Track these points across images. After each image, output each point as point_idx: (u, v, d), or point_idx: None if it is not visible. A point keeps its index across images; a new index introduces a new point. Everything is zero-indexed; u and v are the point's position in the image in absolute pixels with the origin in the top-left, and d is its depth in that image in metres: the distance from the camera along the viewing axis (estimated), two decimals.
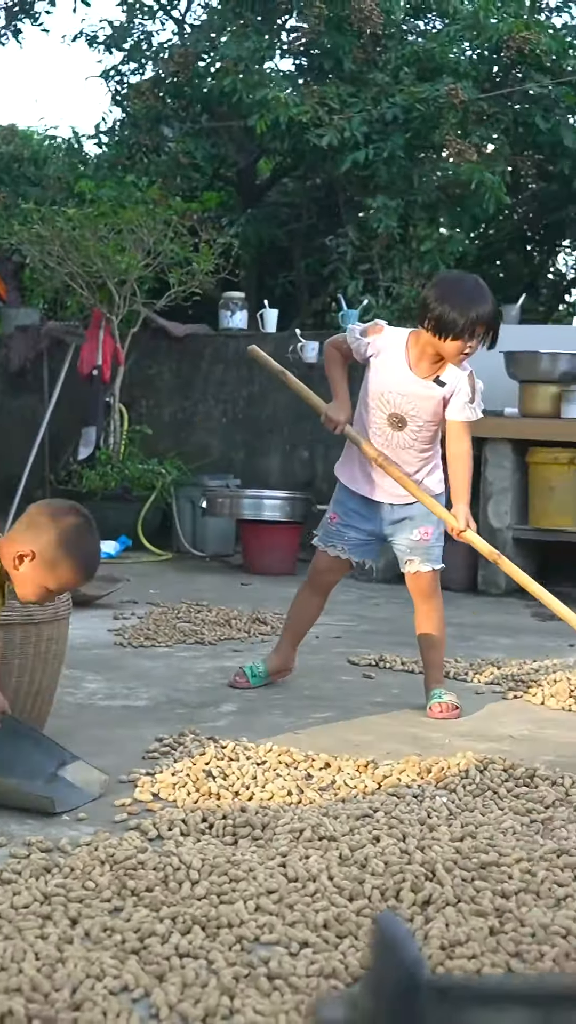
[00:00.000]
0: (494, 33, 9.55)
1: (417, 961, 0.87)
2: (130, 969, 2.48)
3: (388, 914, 1.07)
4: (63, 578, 3.44)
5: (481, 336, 4.43)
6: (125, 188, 9.63)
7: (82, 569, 3.46)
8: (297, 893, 2.87)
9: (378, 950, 0.92)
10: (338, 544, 4.81)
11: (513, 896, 2.87)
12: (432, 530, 4.71)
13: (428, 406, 4.55)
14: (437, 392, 4.53)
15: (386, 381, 4.56)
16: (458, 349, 4.42)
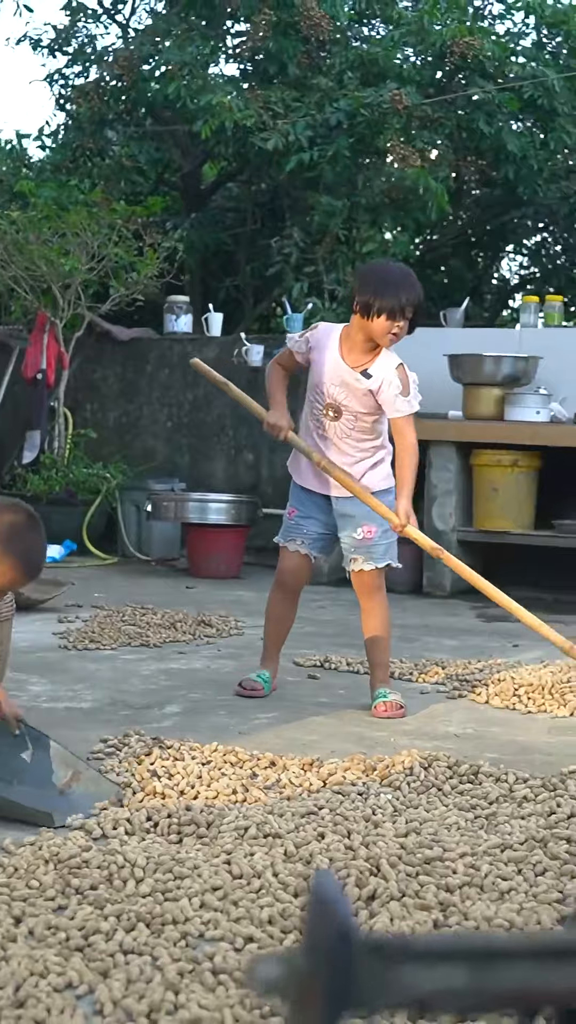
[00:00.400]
0: (438, 39, 9.61)
1: (350, 919, 0.87)
2: (74, 966, 2.48)
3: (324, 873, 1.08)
4: (3, 576, 3.41)
5: (408, 317, 4.54)
6: (66, 189, 9.60)
7: (22, 567, 3.42)
8: (242, 890, 2.87)
9: (312, 908, 0.93)
10: (297, 538, 4.86)
11: (457, 890, 2.89)
12: (375, 529, 4.75)
13: (357, 397, 4.63)
14: (363, 384, 4.61)
15: (322, 372, 4.65)
16: (386, 329, 4.52)
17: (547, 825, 3.35)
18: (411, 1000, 0.87)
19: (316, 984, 0.87)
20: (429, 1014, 0.95)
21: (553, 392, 7.66)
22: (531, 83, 9.55)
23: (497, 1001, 0.92)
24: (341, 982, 0.86)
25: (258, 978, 0.91)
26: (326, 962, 0.85)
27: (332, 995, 0.86)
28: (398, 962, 0.87)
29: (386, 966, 0.87)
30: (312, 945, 0.88)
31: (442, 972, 0.88)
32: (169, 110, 10.18)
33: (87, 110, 10.44)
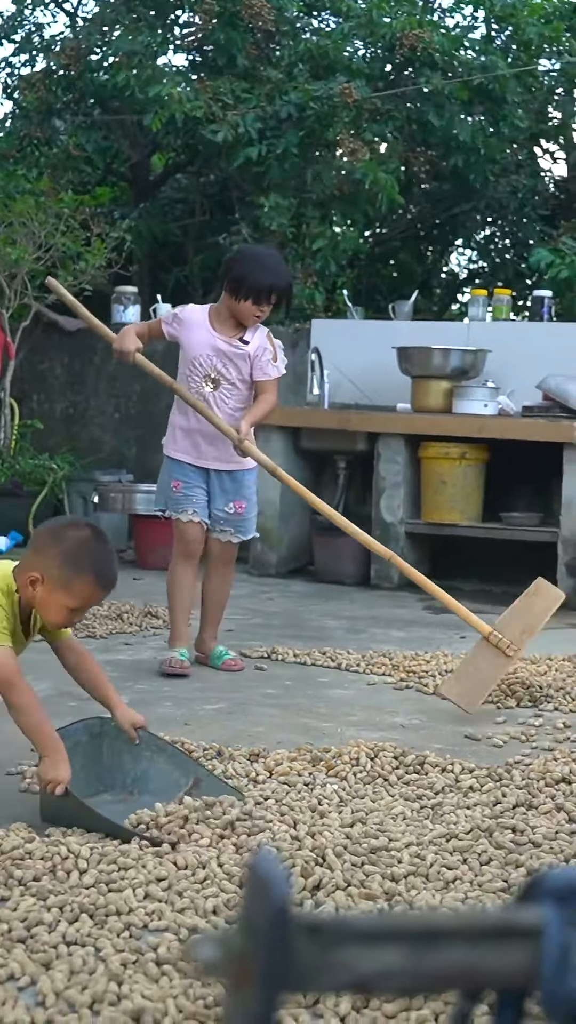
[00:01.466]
0: (387, 31, 9.60)
1: (288, 899, 0.86)
2: (16, 958, 2.45)
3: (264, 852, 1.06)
4: (80, 594, 3.33)
5: (273, 302, 4.96)
6: (13, 179, 9.52)
7: (95, 581, 3.35)
8: (187, 880, 2.86)
9: (250, 888, 0.91)
10: (189, 508, 5.11)
11: (402, 879, 2.88)
12: (245, 504, 5.21)
13: (235, 364, 5.02)
14: (242, 349, 5.00)
15: (196, 345, 5.01)
16: (251, 311, 4.93)
17: (492, 815, 3.35)
18: (350, 981, 0.86)
19: (253, 964, 0.85)
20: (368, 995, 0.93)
21: (501, 385, 7.68)
22: (481, 76, 9.57)
23: (436, 982, 0.90)
24: (278, 962, 0.85)
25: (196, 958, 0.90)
26: (263, 942, 0.84)
27: (269, 975, 0.85)
28: (336, 942, 0.86)
29: (324, 946, 0.85)
30: (249, 924, 0.86)
31: (381, 953, 0.87)
32: (118, 100, 10.12)
33: (34, 99, 10.37)
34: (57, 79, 10.37)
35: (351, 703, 4.73)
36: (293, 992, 0.87)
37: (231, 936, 0.88)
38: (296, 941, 0.85)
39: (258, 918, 0.85)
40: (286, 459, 7.93)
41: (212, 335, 5.02)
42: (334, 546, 7.76)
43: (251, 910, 0.88)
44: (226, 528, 5.18)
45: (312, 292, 9.28)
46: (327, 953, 0.85)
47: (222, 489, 5.15)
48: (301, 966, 0.85)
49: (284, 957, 0.84)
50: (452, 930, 0.90)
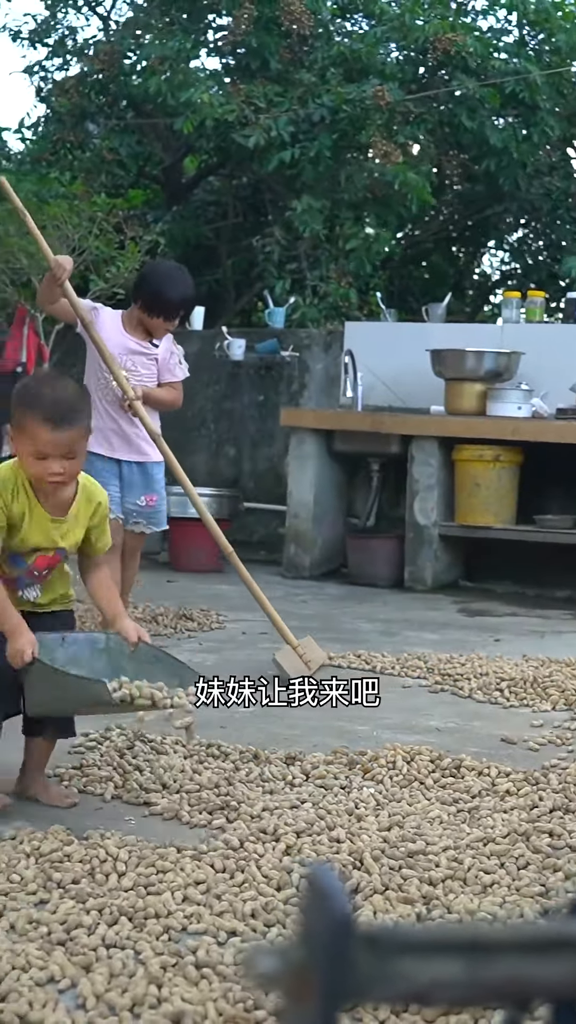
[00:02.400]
0: (420, 35, 9.60)
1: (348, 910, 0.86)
2: (56, 960, 2.46)
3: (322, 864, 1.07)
4: (33, 434, 3.24)
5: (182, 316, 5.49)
6: (47, 183, 9.55)
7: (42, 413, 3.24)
8: (225, 883, 2.87)
9: (309, 900, 0.92)
10: None
11: (440, 883, 2.88)
12: (156, 498, 5.44)
13: (143, 363, 5.35)
14: (151, 350, 5.37)
15: (110, 343, 5.18)
16: (162, 326, 5.34)
17: (529, 819, 3.35)
18: (408, 992, 0.86)
19: (313, 976, 0.86)
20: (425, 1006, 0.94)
21: (535, 387, 7.67)
22: (513, 79, 9.56)
23: (492, 993, 0.91)
24: (338, 974, 0.85)
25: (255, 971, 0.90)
26: (323, 954, 0.84)
27: (329, 987, 0.85)
28: (395, 954, 0.86)
29: (383, 958, 0.86)
30: (309, 937, 0.87)
31: (438, 964, 0.87)
32: (150, 104, 10.15)
33: (68, 103, 10.41)
34: (90, 83, 10.42)
35: (386, 706, 4.70)
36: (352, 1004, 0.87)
37: (289, 948, 0.89)
38: (356, 953, 0.85)
39: (317, 930, 0.86)
40: (319, 461, 7.94)
41: (124, 336, 5.33)
42: (368, 548, 7.77)
43: (310, 922, 0.88)
44: (139, 520, 5.41)
45: (347, 291, 9.29)
46: (385, 964, 0.86)
47: (133, 482, 5.35)
48: (360, 978, 0.85)
49: (344, 969, 0.84)
50: (506, 942, 0.90)
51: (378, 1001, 0.91)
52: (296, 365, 8.91)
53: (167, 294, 5.27)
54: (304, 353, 8.90)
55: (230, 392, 9.10)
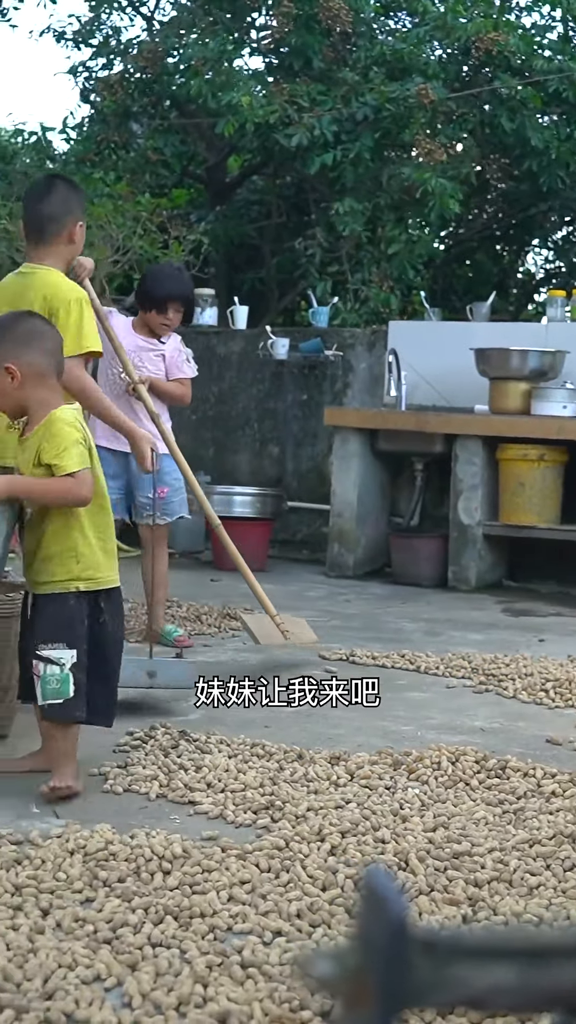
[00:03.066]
0: (463, 33, 9.57)
1: (405, 914, 0.86)
2: (102, 959, 2.47)
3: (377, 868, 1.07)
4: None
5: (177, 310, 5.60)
6: (91, 183, 9.58)
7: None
8: (270, 883, 2.87)
9: (366, 904, 0.91)
10: None
11: (486, 885, 2.88)
12: (167, 490, 5.56)
13: (151, 360, 5.59)
14: (158, 346, 5.63)
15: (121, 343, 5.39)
16: (157, 320, 5.58)
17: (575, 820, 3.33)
18: (465, 998, 0.86)
19: (370, 981, 0.85)
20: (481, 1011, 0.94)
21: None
22: (557, 77, 9.51)
23: (547, 998, 0.90)
24: (395, 979, 0.85)
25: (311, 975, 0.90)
26: (380, 958, 0.84)
27: (386, 992, 0.85)
28: (451, 959, 0.86)
29: (440, 963, 0.85)
30: (365, 941, 0.86)
31: (494, 969, 0.87)
32: (193, 104, 10.15)
33: (112, 103, 10.43)
34: (134, 83, 10.43)
35: (430, 706, 4.72)
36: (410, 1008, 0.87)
37: (346, 952, 0.89)
38: (413, 958, 0.85)
39: (375, 935, 0.85)
40: (363, 461, 7.94)
41: (132, 335, 5.60)
42: (411, 548, 7.75)
43: (367, 926, 0.88)
44: (152, 513, 5.44)
45: (388, 296, 9.28)
46: (442, 969, 0.85)
47: (142, 476, 5.33)
48: (417, 983, 0.85)
49: (401, 974, 0.84)
50: (562, 948, 0.89)
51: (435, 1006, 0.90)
52: (340, 364, 8.90)
53: (153, 289, 5.60)
54: (348, 352, 8.89)
55: (274, 391, 9.10)
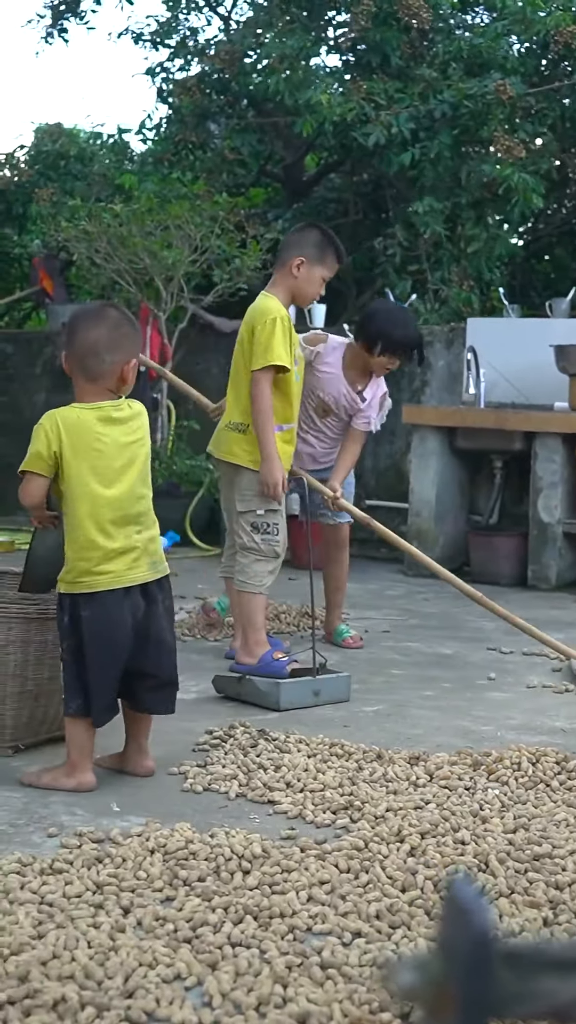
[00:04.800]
0: (542, 27, 9.50)
1: (489, 925, 0.85)
2: (183, 958, 2.48)
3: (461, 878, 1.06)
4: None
5: (404, 356, 5.51)
6: (169, 183, 9.62)
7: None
8: (349, 884, 2.86)
9: (450, 914, 0.91)
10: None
11: (567, 888, 2.85)
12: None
13: (345, 407, 5.52)
14: (357, 403, 5.52)
15: (324, 383, 5.48)
16: (383, 364, 5.46)
17: None
18: (547, 1009, 0.85)
19: (453, 991, 0.85)
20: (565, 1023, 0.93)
21: None
22: None
23: None
24: (479, 989, 0.84)
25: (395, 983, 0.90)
26: (464, 968, 0.84)
27: (469, 1002, 0.84)
28: (534, 970, 0.85)
29: (524, 974, 0.85)
30: (449, 951, 0.86)
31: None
32: (270, 102, 10.16)
33: (189, 103, 10.46)
34: (211, 82, 10.46)
35: (510, 706, 4.69)
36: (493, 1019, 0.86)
37: (430, 961, 0.88)
38: (497, 968, 0.85)
39: (458, 945, 0.85)
40: (441, 458, 7.91)
41: (341, 381, 5.50)
42: (490, 546, 7.71)
43: (450, 936, 0.88)
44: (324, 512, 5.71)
45: (468, 295, 9.23)
46: (526, 981, 0.85)
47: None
48: (501, 993, 0.84)
49: (485, 984, 0.83)
50: None
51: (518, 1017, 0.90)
52: None
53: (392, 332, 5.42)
54: (426, 350, 8.84)
55: None
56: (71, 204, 9.63)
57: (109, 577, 3.57)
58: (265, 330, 4.76)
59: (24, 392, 10.53)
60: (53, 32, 11.66)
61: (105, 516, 3.58)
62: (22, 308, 12.61)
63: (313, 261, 4.96)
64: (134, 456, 3.64)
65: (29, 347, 10.79)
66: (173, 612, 3.80)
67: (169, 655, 3.71)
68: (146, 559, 3.64)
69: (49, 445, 3.56)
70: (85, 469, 3.56)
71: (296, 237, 5.06)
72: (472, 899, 0.87)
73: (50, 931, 2.57)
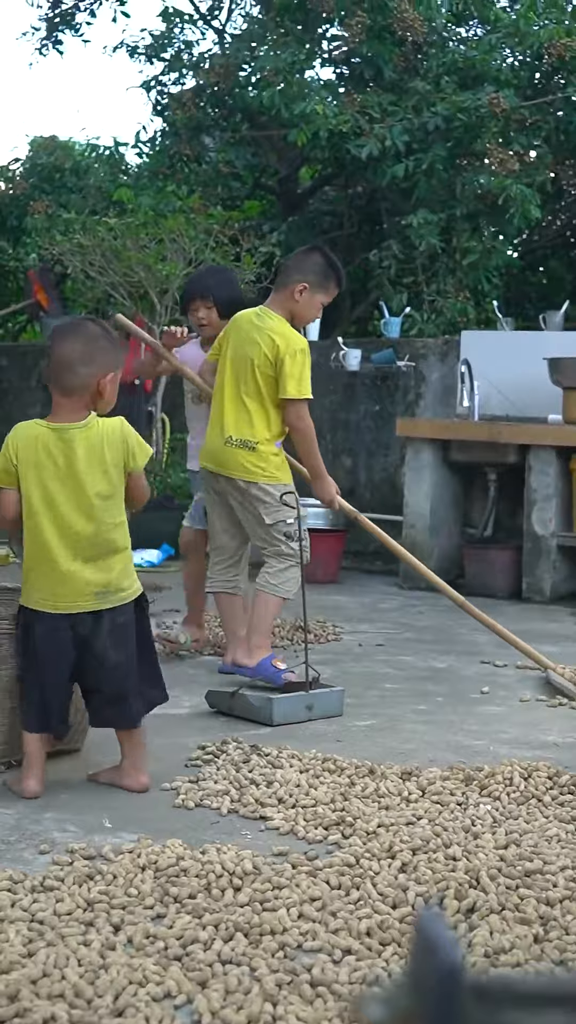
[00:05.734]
0: (535, 40, 9.54)
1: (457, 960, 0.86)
2: (173, 976, 2.48)
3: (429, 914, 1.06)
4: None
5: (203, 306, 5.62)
6: (164, 197, 9.64)
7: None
8: (340, 900, 2.86)
9: (418, 950, 0.91)
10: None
11: (558, 904, 2.85)
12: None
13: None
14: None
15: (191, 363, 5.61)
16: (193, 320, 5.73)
17: None
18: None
19: None
20: None
21: None
22: None
23: None
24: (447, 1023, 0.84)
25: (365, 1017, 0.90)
26: (431, 1003, 0.84)
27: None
28: (502, 1005, 0.85)
29: (492, 1009, 0.85)
30: (417, 985, 0.86)
31: (546, 1017, 0.86)
32: (265, 115, 10.19)
33: (184, 117, 10.49)
34: (206, 96, 10.49)
35: (503, 720, 4.69)
36: None
37: (399, 995, 0.88)
38: (464, 1004, 0.85)
39: (426, 979, 0.85)
40: (436, 471, 7.91)
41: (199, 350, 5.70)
42: (485, 559, 7.71)
43: (419, 970, 0.88)
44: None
45: (464, 306, 9.25)
46: (494, 1015, 0.85)
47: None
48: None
49: (452, 1018, 0.83)
50: None
51: None
52: (412, 375, 8.89)
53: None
54: (420, 363, 8.87)
55: (346, 402, 9.10)
56: (65, 217, 9.65)
57: (50, 602, 3.59)
58: (296, 362, 4.95)
59: (18, 405, 10.54)
60: (48, 44, 11.70)
61: (51, 538, 3.57)
62: (17, 321, 12.63)
63: (315, 288, 5.05)
64: (89, 482, 3.58)
65: (24, 360, 10.81)
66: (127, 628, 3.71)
67: (113, 671, 3.67)
68: (93, 589, 3.61)
69: (9, 459, 3.58)
70: (35, 486, 3.56)
71: (300, 261, 5.12)
72: (440, 933, 0.88)
73: (40, 949, 2.57)
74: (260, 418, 4.99)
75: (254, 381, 4.99)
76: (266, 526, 4.98)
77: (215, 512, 5.22)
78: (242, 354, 5.03)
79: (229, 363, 5.09)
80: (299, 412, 5.00)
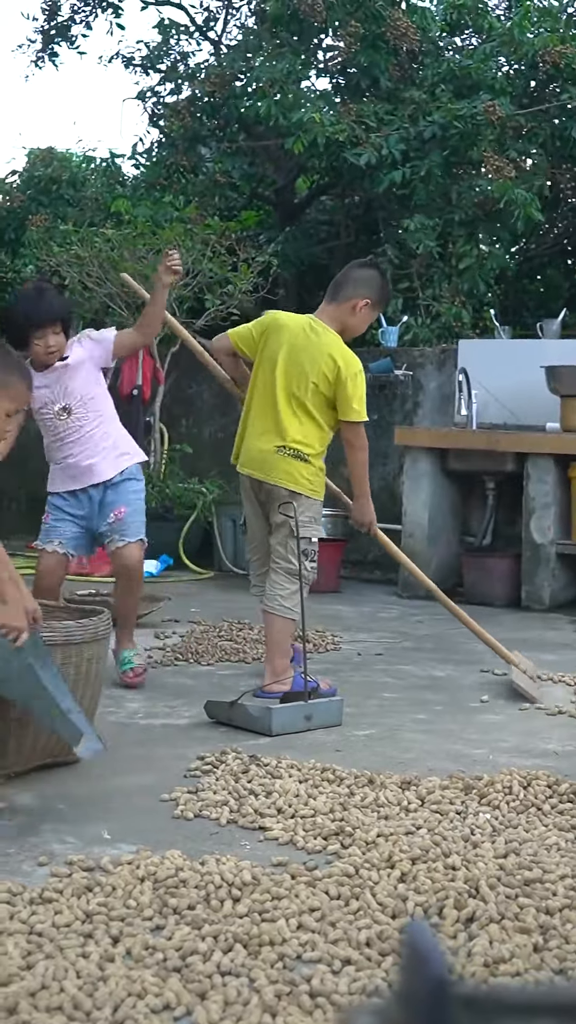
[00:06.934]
0: (530, 48, 9.55)
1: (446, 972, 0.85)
2: (172, 987, 2.47)
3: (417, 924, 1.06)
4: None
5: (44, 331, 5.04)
6: (161, 207, 9.65)
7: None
8: (339, 911, 2.86)
9: (407, 960, 0.91)
10: (54, 538, 5.19)
11: (557, 913, 2.84)
12: (125, 509, 5.16)
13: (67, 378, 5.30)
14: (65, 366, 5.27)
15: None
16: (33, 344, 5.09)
17: None
18: None
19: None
20: None
21: None
22: None
23: None
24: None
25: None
26: (421, 1015, 0.83)
27: None
28: (493, 1016, 0.85)
29: (481, 1019, 0.85)
30: (406, 997, 0.86)
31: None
32: (262, 125, 10.21)
33: (180, 127, 10.51)
34: (202, 106, 10.50)
35: (503, 729, 4.68)
36: None
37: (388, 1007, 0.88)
38: (454, 1014, 0.84)
39: (415, 990, 0.85)
40: (434, 480, 7.92)
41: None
42: (484, 568, 7.71)
43: (408, 982, 0.88)
44: (112, 536, 5.15)
45: (459, 311, 9.25)
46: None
47: (102, 505, 5.16)
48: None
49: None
50: None
51: None
52: (410, 384, 8.90)
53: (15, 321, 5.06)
54: (418, 371, 8.88)
55: None
56: (63, 229, 9.65)
57: None
58: (358, 385, 5.02)
59: None
60: (44, 56, 11.71)
61: None
62: None
63: (374, 305, 5.19)
64: None
65: None
66: None
67: None
68: None
69: None
70: None
71: (362, 277, 5.16)
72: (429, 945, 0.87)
73: (39, 961, 2.56)
74: (313, 431, 5.05)
75: (310, 395, 5.02)
76: (293, 539, 4.97)
77: (257, 523, 5.20)
78: (297, 364, 5.03)
79: (281, 370, 5.05)
80: (359, 432, 5.09)
